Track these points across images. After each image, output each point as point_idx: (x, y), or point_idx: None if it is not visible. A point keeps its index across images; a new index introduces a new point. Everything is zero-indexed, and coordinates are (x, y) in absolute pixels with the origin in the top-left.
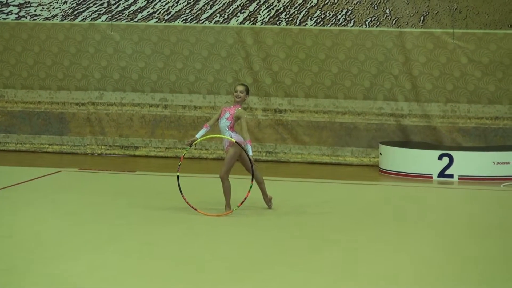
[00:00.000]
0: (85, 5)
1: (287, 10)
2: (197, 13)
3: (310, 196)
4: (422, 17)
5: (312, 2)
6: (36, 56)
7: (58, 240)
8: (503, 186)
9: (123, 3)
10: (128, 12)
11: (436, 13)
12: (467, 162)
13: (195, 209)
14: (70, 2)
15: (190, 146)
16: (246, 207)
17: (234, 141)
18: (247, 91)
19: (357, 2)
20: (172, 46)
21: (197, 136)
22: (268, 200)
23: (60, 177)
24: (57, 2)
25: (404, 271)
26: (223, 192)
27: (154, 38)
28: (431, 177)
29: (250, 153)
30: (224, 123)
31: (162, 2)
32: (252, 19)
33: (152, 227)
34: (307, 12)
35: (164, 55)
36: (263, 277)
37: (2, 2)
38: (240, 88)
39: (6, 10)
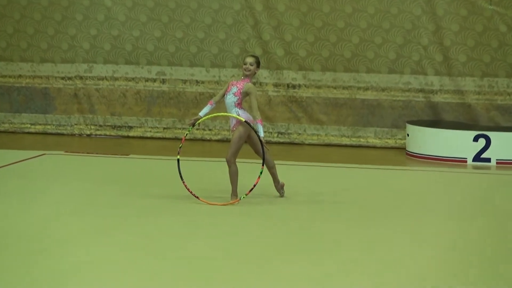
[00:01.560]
0: None
1: None
2: None
3: (328, 183)
4: None
5: None
6: (16, 24)
7: (42, 233)
8: None
9: None
10: None
11: None
12: (507, 144)
13: (197, 198)
14: None
15: (193, 126)
16: (255, 195)
17: (243, 120)
18: (258, 64)
19: None
20: (171, 13)
21: (201, 114)
22: (280, 188)
23: (44, 161)
24: None
25: (433, 266)
26: (229, 178)
27: (150, 4)
28: (466, 161)
29: (261, 134)
30: (231, 99)
31: None
32: None
33: (149, 218)
34: None
35: (161, 23)
36: (274, 273)
37: None
38: (249, 59)
39: None
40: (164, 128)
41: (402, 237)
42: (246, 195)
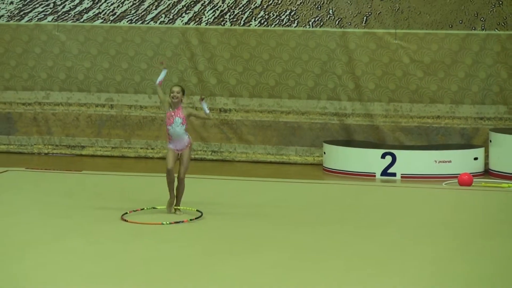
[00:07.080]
0: (31, 6)
1: (232, 10)
2: (142, 13)
3: (255, 195)
4: (365, 18)
5: (256, 2)
6: None
7: (3, 239)
8: (445, 184)
9: (69, 4)
10: (74, 13)
11: (379, 14)
12: (410, 161)
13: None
14: (16, 2)
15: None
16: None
17: (191, 142)
18: (183, 92)
19: (300, 3)
20: (118, 47)
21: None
22: (172, 205)
23: (7, 176)
24: (3, 3)
25: (346, 271)
26: (177, 193)
27: (100, 39)
28: (374, 176)
29: (207, 111)
30: (181, 128)
31: (107, 3)
32: (197, 19)
33: (98, 227)
34: (251, 13)
35: (109, 56)
36: (206, 277)
37: None
38: (176, 89)
39: None
40: (112, 148)
41: (321, 241)
42: (170, 223)
